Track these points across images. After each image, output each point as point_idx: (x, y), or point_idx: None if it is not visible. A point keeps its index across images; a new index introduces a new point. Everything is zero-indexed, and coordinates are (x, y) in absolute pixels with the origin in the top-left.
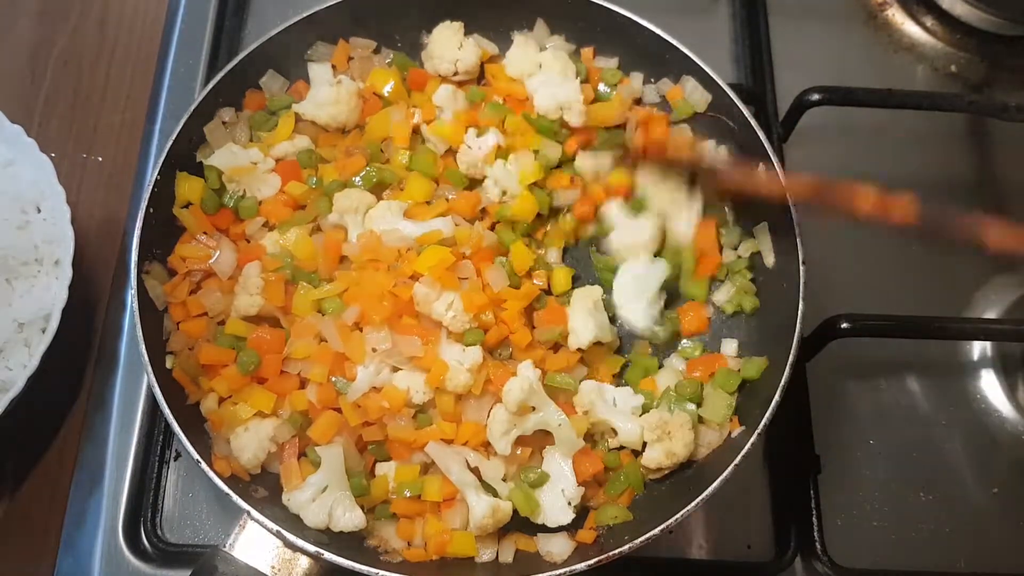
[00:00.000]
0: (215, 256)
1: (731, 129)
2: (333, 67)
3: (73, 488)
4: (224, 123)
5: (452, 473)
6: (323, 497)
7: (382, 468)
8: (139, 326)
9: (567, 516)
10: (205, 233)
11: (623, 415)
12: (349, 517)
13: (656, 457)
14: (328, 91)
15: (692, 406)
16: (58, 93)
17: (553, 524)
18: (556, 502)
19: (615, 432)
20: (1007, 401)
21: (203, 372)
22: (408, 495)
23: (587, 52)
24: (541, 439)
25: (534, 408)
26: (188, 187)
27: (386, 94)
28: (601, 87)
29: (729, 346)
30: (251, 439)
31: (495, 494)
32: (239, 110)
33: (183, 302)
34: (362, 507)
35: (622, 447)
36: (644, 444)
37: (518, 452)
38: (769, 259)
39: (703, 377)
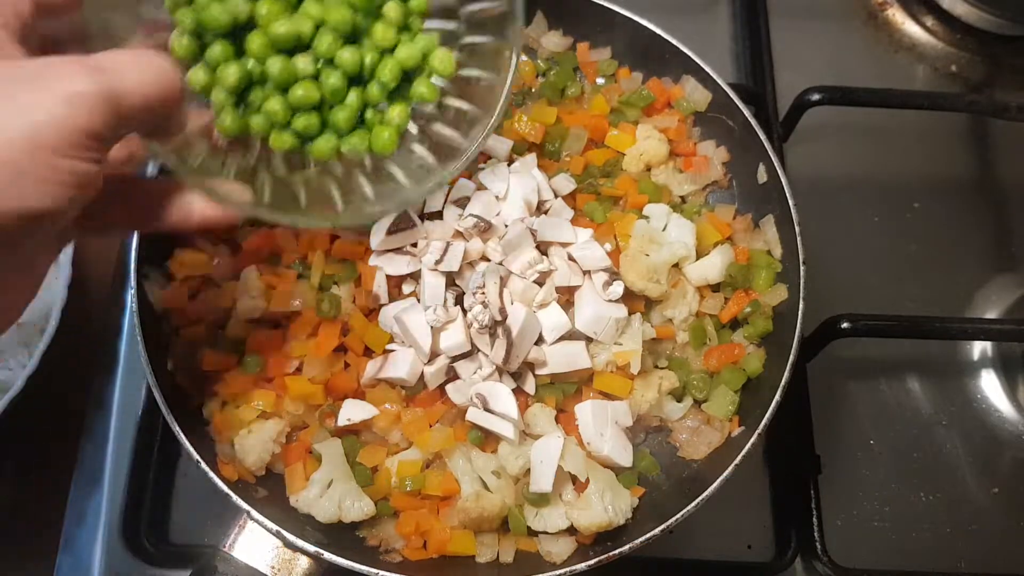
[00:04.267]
0: (213, 262)
1: (731, 129)
2: None
3: (73, 488)
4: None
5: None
6: (330, 492)
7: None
8: (139, 327)
9: (564, 522)
10: (202, 239)
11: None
12: (359, 506)
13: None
14: None
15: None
16: None
17: (552, 530)
18: (555, 510)
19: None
20: (1007, 401)
21: (205, 377)
22: (409, 488)
23: (583, 47)
24: None
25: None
26: None
27: None
28: (599, 80)
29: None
30: (255, 441)
31: (484, 486)
32: None
33: (182, 308)
34: None
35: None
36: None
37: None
38: (777, 251)
39: (717, 367)
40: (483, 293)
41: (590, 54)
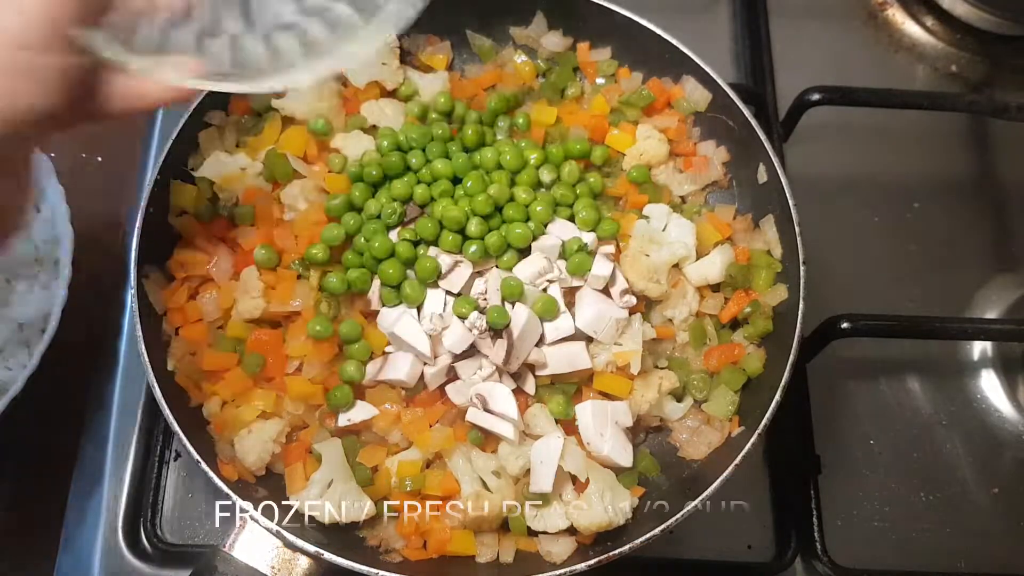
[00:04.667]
0: (213, 262)
1: (731, 129)
2: None
3: (73, 488)
4: (214, 126)
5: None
6: (330, 492)
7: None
8: (139, 327)
9: (564, 522)
10: (202, 239)
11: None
12: (358, 506)
13: None
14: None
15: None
16: None
17: (552, 530)
18: (555, 510)
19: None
20: (1007, 401)
21: (205, 377)
22: (409, 488)
23: (583, 47)
24: None
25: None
26: (182, 196)
27: None
28: (599, 80)
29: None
30: (255, 441)
31: (484, 486)
32: (228, 114)
33: (182, 308)
34: None
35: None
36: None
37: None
38: (777, 251)
39: (717, 367)
40: (484, 300)
41: (590, 54)
